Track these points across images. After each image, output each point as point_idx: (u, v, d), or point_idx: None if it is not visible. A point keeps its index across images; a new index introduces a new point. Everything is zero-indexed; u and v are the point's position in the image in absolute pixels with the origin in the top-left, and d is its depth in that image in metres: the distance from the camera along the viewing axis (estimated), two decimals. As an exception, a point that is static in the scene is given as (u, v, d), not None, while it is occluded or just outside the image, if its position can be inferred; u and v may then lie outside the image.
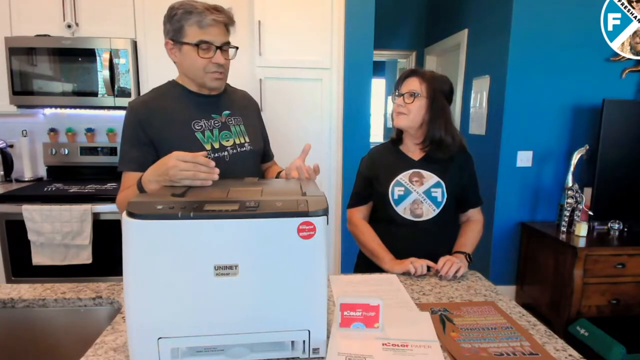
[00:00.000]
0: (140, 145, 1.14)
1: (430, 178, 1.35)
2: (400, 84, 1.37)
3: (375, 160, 1.46)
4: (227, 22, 1.14)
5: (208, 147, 1.18)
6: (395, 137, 1.46)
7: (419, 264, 1.22)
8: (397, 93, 1.37)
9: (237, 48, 1.19)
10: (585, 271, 2.40)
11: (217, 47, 1.12)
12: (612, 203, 2.66)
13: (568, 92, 2.80)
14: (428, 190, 1.34)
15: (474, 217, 1.45)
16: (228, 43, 1.15)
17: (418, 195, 1.34)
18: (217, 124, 1.22)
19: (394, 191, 1.35)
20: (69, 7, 2.40)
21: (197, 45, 1.10)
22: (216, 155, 1.19)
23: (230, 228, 0.70)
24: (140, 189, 0.98)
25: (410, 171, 1.37)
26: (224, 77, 1.20)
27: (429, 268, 1.24)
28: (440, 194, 1.34)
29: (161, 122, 1.15)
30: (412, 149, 1.41)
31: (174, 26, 1.11)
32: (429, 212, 1.33)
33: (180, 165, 0.88)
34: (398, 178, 1.36)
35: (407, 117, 1.33)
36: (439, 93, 1.33)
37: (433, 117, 1.33)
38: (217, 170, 0.90)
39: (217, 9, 1.11)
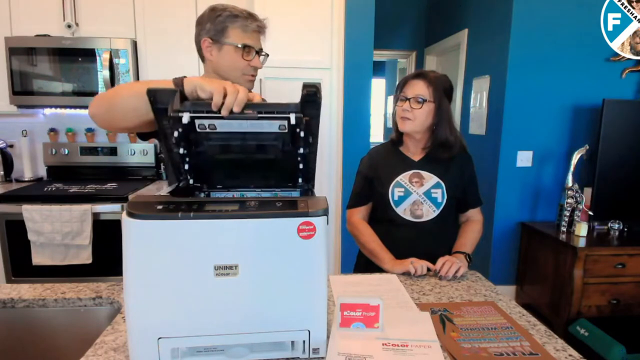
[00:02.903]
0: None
1: (431, 179, 1.35)
2: (405, 86, 1.34)
3: (375, 160, 1.45)
4: (264, 31, 1.23)
5: None
6: (396, 138, 1.44)
7: (419, 265, 1.21)
8: (401, 96, 1.34)
9: (267, 55, 1.25)
10: (585, 271, 2.40)
11: (257, 52, 1.20)
12: (612, 203, 2.66)
13: (568, 92, 2.80)
14: (428, 191, 1.34)
15: (474, 217, 1.44)
16: (261, 50, 1.24)
17: (418, 196, 1.34)
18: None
19: (394, 192, 1.35)
20: (69, 7, 2.40)
21: (241, 47, 1.17)
22: None
23: (230, 228, 0.70)
24: (178, 79, 0.88)
25: (410, 172, 1.37)
26: (254, 81, 1.26)
27: (429, 269, 1.24)
28: (440, 194, 1.34)
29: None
30: (413, 150, 1.41)
31: (217, 27, 1.16)
32: (429, 212, 1.33)
33: (229, 84, 0.77)
34: (398, 179, 1.36)
35: (412, 123, 1.32)
36: (444, 95, 1.32)
37: (439, 121, 1.32)
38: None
39: (257, 18, 1.20)
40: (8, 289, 1.07)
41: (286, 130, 0.79)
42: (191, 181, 0.87)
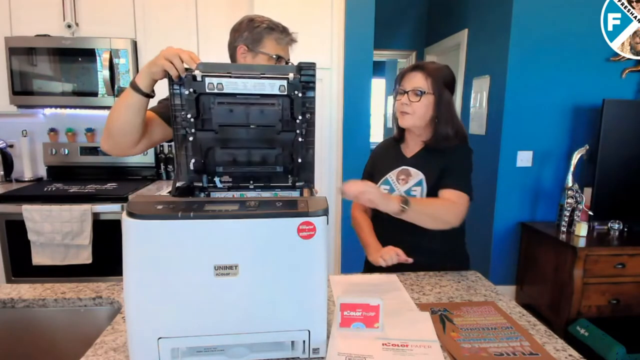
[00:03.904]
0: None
1: (417, 176, 1.31)
2: (403, 79, 1.29)
3: (376, 155, 1.46)
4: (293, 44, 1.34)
5: None
6: (397, 135, 1.41)
7: (388, 256, 1.19)
8: (399, 89, 1.29)
9: (293, 65, 1.30)
10: (585, 271, 2.40)
11: (286, 62, 1.30)
12: (612, 203, 2.66)
13: (568, 92, 2.80)
14: (409, 189, 1.30)
15: (447, 196, 1.25)
16: (289, 60, 1.33)
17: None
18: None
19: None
20: (69, 7, 2.40)
21: (275, 58, 1.25)
22: None
23: (230, 228, 0.70)
24: (133, 86, 0.99)
25: (400, 168, 1.34)
26: None
27: (416, 261, 1.20)
28: (419, 192, 1.29)
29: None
30: (412, 147, 1.37)
31: (255, 36, 1.24)
32: None
33: (169, 49, 0.92)
34: (387, 176, 1.35)
35: (412, 117, 1.27)
36: (444, 87, 1.26)
37: (441, 114, 1.26)
38: (198, 60, 0.91)
39: (290, 33, 1.29)
40: (8, 289, 1.07)
41: (286, 92, 0.87)
42: (193, 160, 0.90)
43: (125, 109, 1.01)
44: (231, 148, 0.92)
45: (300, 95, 0.87)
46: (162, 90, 1.03)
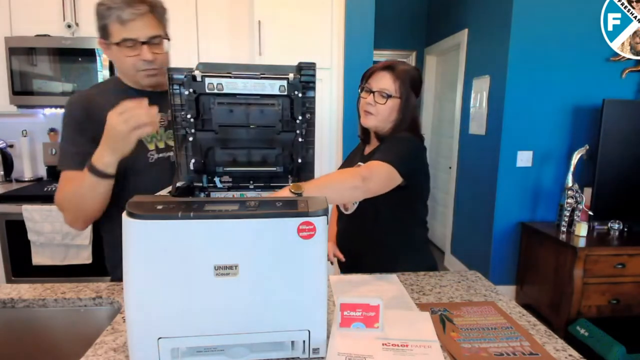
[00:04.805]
0: (80, 144, 1.06)
1: None
2: (370, 77, 1.25)
3: (347, 157, 1.49)
4: (151, 11, 1.03)
5: (152, 147, 1.13)
6: (361, 135, 1.38)
7: None
8: (366, 87, 1.25)
9: (168, 39, 1.09)
10: (585, 271, 2.40)
11: (143, 42, 1.02)
12: (612, 203, 2.66)
13: (568, 92, 2.80)
14: None
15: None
16: (156, 36, 1.04)
17: None
18: (162, 122, 1.12)
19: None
20: (69, 7, 2.40)
21: (119, 44, 1.02)
22: (160, 155, 1.13)
23: (230, 228, 0.70)
24: (93, 170, 0.95)
25: (355, 166, 1.32)
26: (160, 72, 1.09)
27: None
28: None
29: (100, 121, 0.99)
30: (373, 144, 1.35)
31: (100, 25, 1.04)
32: (352, 206, 1.32)
33: (121, 117, 0.88)
34: None
35: (375, 118, 1.24)
36: (411, 90, 1.24)
37: (404, 118, 1.24)
38: (155, 109, 0.90)
39: (138, 1, 1.01)
40: (8, 289, 1.07)
41: (286, 93, 0.87)
42: (193, 160, 0.90)
43: (100, 197, 1.00)
44: (231, 148, 0.93)
45: (300, 95, 0.87)
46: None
